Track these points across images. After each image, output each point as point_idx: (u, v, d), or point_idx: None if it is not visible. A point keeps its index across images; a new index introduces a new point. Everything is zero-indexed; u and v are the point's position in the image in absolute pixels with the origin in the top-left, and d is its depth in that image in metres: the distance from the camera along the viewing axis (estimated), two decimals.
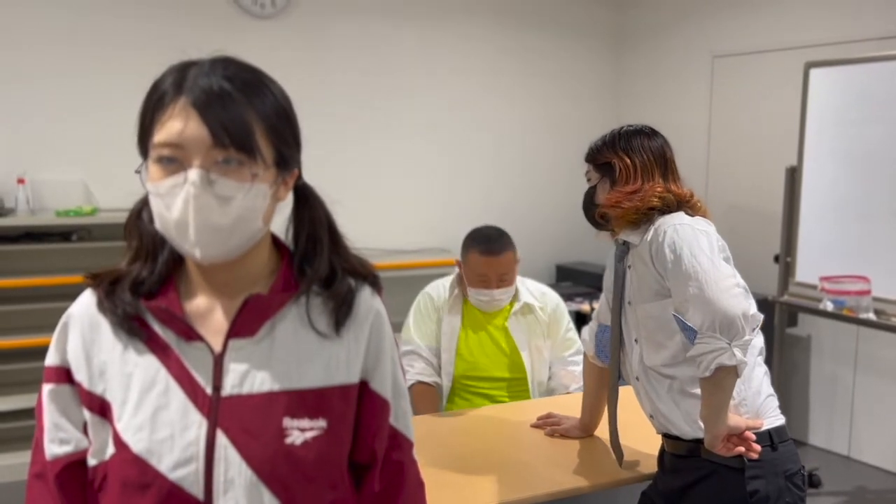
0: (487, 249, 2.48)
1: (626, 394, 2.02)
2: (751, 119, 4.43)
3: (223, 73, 0.96)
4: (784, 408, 1.84)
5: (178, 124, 0.94)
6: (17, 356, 3.60)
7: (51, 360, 1.05)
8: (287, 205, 1.08)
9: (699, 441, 1.72)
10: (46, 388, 1.05)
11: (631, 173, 1.82)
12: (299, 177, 1.07)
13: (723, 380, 1.59)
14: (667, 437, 1.85)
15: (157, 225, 0.98)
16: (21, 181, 3.65)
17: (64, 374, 1.04)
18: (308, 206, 1.09)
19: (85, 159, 3.89)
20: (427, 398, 2.53)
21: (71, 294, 1.13)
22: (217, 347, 1.00)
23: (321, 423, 1.01)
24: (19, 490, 3.47)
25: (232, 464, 0.97)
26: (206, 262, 0.98)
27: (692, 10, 4.73)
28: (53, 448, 1.04)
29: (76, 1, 3.82)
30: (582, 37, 5.12)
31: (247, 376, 1.00)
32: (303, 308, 1.04)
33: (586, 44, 5.14)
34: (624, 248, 1.88)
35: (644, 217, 1.77)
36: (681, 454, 1.80)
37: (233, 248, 0.98)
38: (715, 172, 4.59)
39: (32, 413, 3.55)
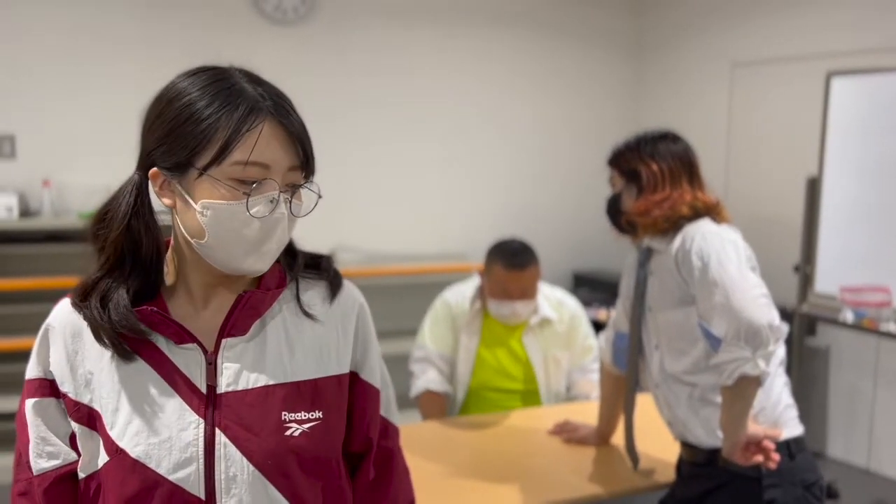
0: (512, 264, 2.47)
1: (646, 401, 2.02)
2: (771, 128, 4.41)
3: (273, 90, 0.99)
4: (802, 419, 1.83)
5: (271, 146, 0.95)
6: None
7: (32, 372, 1.04)
8: None
9: (717, 450, 1.72)
10: (30, 402, 1.03)
11: (658, 180, 1.81)
12: None
13: (745, 389, 1.59)
14: (685, 444, 1.85)
15: (208, 240, 0.97)
16: (46, 184, 3.71)
17: (47, 387, 1.02)
18: None
19: (108, 163, 3.92)
20: (435, 406, 2.54)
21: None
22: (209, 347, 1.01)
23: (317, 413, 1.03)
24: None
25: (233, 461, 0.98)
26: (255, 274, 1.02)
27: (712, 18, 4.72)
28: (41, 462, 1.02)
29: (100, 9, 3.88)
30: (602, 44, 5.12)
31: (241, 373, 1.00)
32: (294, 295, 1.07)
33: (606, 50, 5.14)
34: (646, 254, 1.87)
35: (673, 225, 1.77)
36: (698, 462, 1.80)
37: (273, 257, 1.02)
38: (734, 181, 4.57)
39: None
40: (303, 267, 1.09)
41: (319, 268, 1.11)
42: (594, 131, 5.04)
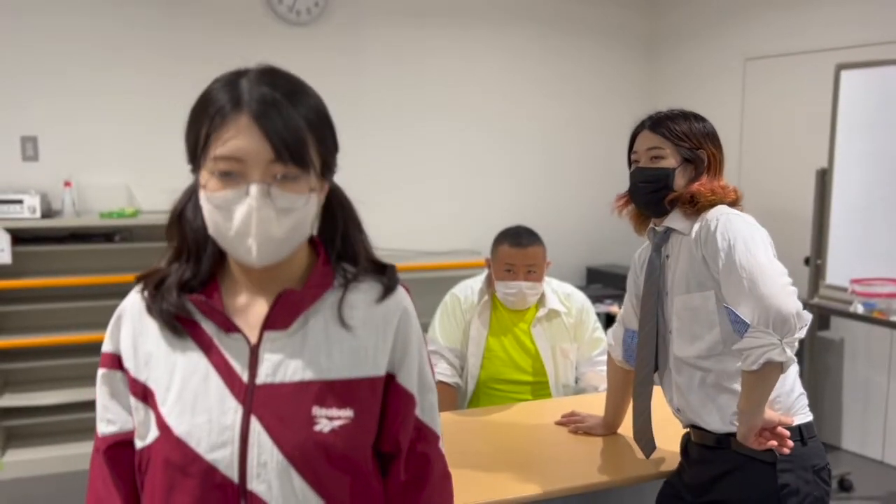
0: (516, 242, 2.57)
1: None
2: (782, 121, 4.41)
3: (277, 89, 1.01)
4: (817, 411, 1.84)
5: (238, 140, 0.99)
6: (60, 352, 3.73)
7: (106, 347, 1.13)
8: None
9: (730, 434, 1.73)
10: (100, 371, 1.13)
11: (718, 165, 1.83)
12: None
13: (768, 375, 1.60)
14: (694, 428, 1.85)
15: (211, 231, 1.04)
16: (68, 184, 3.79)
17: (116, 361, 1.12)
18: (342, 206, 1.14)
19: (128, 164, 4.02)
20: (445, 398, 2.57)
21: (113, 293, 1.21)
22: (253, 339, 1.06)
23: (348, 412, 1.06)
24: (73, 479, 3.60)
25: (265, 448, 1.03)
26: (261, 266, 1.05)
27: (724, 14, 4.73)
28: (102, 427, 1.13)
29: (118, 13, 3.95)
30: (614, 41, 5.14)
31: (280, 366, 1.05)
32: (337, 302, 1.10)
33: (619, 48, 5.16)
34: (663, 237, 1.85)
35: (708, 208, 1.76)
36: (709, 445, 1.80)
37: (285, 253, 1.05)
38: (746, 174, 4.57)
39: (80, 406, 3.72)
40: (362, 273, 1.13)
41: (379, 273, 1.14)
42: (608, 128, 5.06)
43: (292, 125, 1.00)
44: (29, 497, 3.50)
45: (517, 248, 2.55)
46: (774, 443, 1.65)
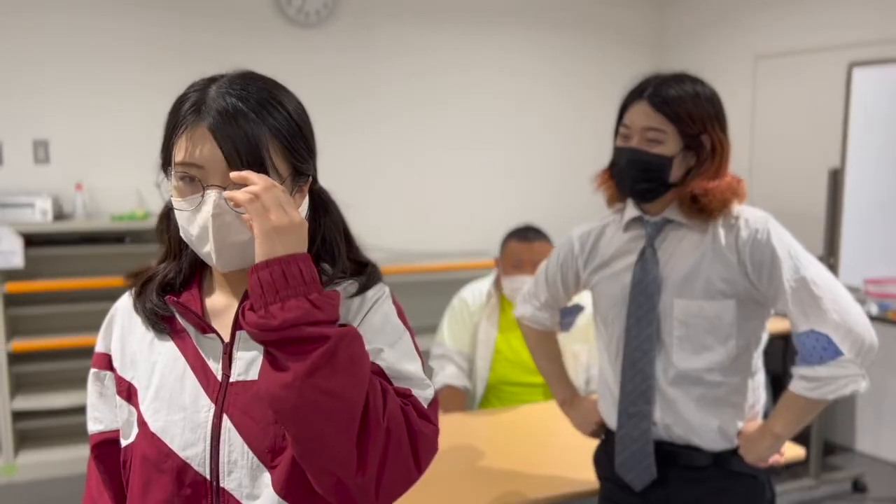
0: (524, 237, 2.61)
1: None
2: (794, 120, 4.38)
3: (239, 94, 1.01)
4: (830, 412, 1.81)
5: (195, 148, 1.00)
6: (72, 354, 3.75)
7: (98, 346, 1.17)
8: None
9: (724, 452, 1.63)
10: (91, 371, 1.16)
11: (723, 157, 1.57)
12: (315, 181, 1.12)
13: (825, 404, 1.51)
14: (683, 448, 1.65)
15: (182, 234, 1.05)
16: (79, 187, 3.82)
17: (106, 361, 1.15)
18: (325, 210, 1.13)
19: (138, 167, 4.02)
20: (455, 401, 2.58)
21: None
22: (227, 338, 1.07)
23: None
24: (78, 482, 3.62)
25: (235, 446, 1.04)
26: (225, 271, 1.05)
27: (734, 11, 4.70)
28: (90, 425, 1.17)
29: (129, 16, 3.98)
30: (624, 39, 5.12)
31: (252, 364, 1.05)
32: None
33: (628, 46, 5.14)
34: (658, 228, 1.64)
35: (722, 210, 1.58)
36: (701, 465, 1.64)
37: (249, 258, 1.01)
38: (758, 174, 4.54)
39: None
40: (344, 273, 1.10)
41: (359, 273, 1.12)
42: None
43: (249, 134, 1.00)
44: (42, 499, 3.52)
45: (524, 242, 2.59)
46: (779, 457, 1.61)
